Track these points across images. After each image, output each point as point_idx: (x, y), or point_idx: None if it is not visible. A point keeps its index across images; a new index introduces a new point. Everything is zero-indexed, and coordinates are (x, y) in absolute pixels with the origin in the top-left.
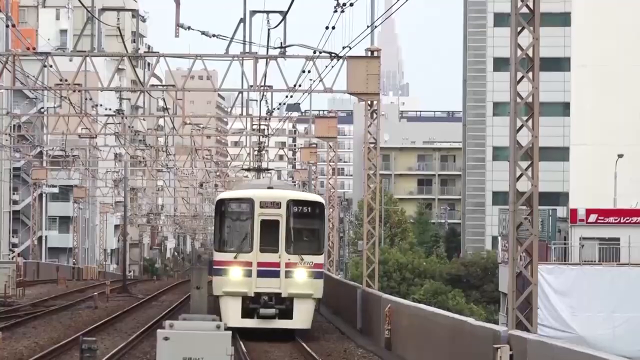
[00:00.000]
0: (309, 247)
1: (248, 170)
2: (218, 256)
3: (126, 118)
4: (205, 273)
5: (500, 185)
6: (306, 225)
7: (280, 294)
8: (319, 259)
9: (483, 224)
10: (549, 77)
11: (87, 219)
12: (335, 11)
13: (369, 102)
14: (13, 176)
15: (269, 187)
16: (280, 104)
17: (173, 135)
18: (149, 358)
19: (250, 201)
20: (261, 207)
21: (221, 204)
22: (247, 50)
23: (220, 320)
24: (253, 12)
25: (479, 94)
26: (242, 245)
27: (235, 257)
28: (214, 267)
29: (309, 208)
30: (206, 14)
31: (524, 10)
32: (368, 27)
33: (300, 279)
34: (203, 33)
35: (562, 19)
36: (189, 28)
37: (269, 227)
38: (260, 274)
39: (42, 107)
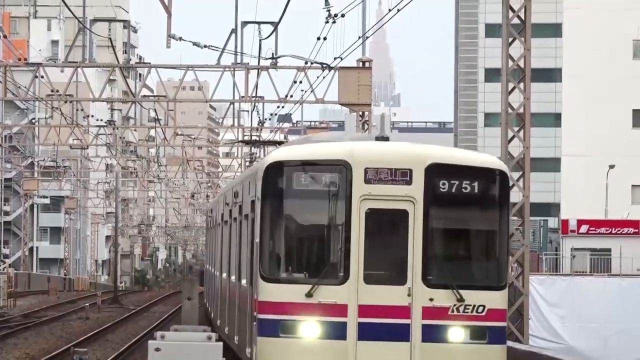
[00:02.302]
0: (476, 274)
1: (247, 143)
2: (267, 291)
3: (117, 129)
4: (196, 284)
5: None
6: (470, 222)
7: None
8: (498, 298)
9: None
10: (540, 88)
11: (78, 230)
12: (327, 22)
13: (361, 113)
14: (4, 187)
15: (378, 138)
16: (271, 115)
17: (164, 146)
18: None
19: (342, 166)
20: (367, 180)
21: (274, 175)
22: (238, 61)
23: None
24: (244, 23)
25: (470, 104)
26: (324, 267)
27: (308, 295)
28: (259, 315)
29: (476, 183)
30: (198, 25)
31: (515, 21)
32: (359, 38)
33: (457, 341)
34: (194, 44)
35: (553, 30)
36: (180, 39)
37: (385, 228)
38: (366, 334)
39: (34, 118)
